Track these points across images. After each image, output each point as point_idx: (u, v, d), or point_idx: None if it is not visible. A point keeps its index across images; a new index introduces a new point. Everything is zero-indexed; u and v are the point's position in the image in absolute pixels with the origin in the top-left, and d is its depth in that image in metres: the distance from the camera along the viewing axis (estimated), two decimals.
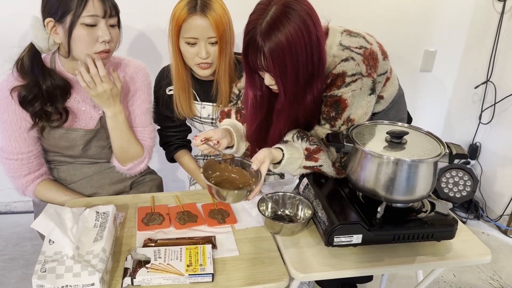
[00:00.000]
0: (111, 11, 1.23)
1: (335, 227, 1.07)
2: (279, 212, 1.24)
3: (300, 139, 1.27)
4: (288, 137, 1.30)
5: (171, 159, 1.72)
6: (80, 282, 0.88)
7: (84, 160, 1.45)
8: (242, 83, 1.49)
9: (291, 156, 1.23)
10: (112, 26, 1.25)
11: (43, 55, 1.30)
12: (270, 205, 1.24)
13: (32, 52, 1.26)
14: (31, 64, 1.25)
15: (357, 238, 1.09)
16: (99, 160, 1.48)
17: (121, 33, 1.33)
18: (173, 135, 1.68)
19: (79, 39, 1.20)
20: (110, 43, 1.25)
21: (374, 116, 1.41)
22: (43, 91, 1.26)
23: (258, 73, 1.25)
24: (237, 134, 1.36)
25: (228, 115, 1.48)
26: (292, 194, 1.26)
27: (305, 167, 1.26)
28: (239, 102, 1.49)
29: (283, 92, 1.20)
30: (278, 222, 1.15)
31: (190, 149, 1.72)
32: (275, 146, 1.26)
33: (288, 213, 1.25)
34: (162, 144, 1.71)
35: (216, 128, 1.37)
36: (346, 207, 1.15)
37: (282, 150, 1.23)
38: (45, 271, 0.89)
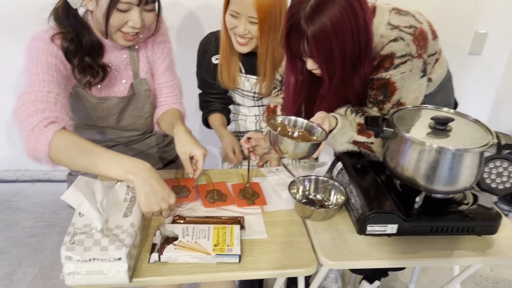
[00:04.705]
0: None
1: (369, 216, 1.02)
2: (311, 196, 1.20)
3: (354, 113, 1.23)
4: (341, 110, 1.26)
5: (205, 121, 1.70)
6: (107, 256, 0.88)
7: (119, 137, 1.44)
8: (283, 68, 1.45)
9: (344, 127, 1.19)
10: (147, 10, 1.21)
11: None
12: (301, 188, 1.21)
13: (67, 4, 1.21)
14: (66, 16, 1.21)
15: (392, 228, 1.04)
16: (134, 131, 1.47)
17: (161, 15, 1.29)
18: (213, 101, 1.66)
19: (110, 19, 1.17)
20: (140, 28, 1.21)
21: None
22: (83, 44, 1.22)
23: (300, 57, 1.21)
24: None
25: (274, 112, 1.46)
26: (325, 178, 1.21)
27: (355, 142, 1.22)
28: (283, 87, 1.46)
29: (328, 78, 1.16)
30: (309, 206, 1.12)
31: (226, 116, 1.69)
32: (331, 114, 1.22)
33: (320, 198, 1.21)
34: (201, 108, 1.71)
35: (262, 134, 1.41)
36: (382, 195, 1.09)
37: (336, 119, 1.20)
38: (73, 243, 0.89)
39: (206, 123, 1.70)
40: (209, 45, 1.57)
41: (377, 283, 1.79)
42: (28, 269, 1.99)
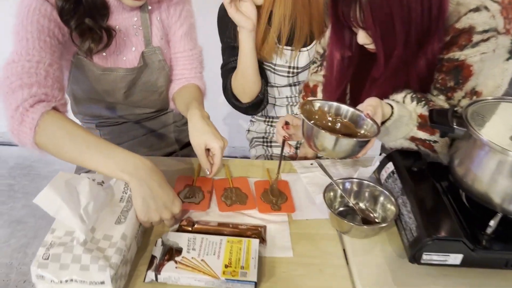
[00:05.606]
0: None
1: (427, 242, 0.78)
2: (351, 204, 0.97)
3: (415, 102, 0.96)
4: (397, 97, 0.99)
5: (230, 92, 1.31)
6: (87, 278, 0.70)
7: (129, 114, 1.25)
8: (326, 38, 1.19)
9: (400, 118, 0.94)
10: None
11: None
12: (339, 193, 0.97)
13: None
14: None
15: (455, 259, 0.80)
16: (147, 108, 1.27)
17: None
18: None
19: None
20: None
21: None
22: (83, 3, 1.00)
23: (349, 27, 0.95)
24: None
25: (313, 93, 1.22)
26: (371, 183, 0.97)
27: (412, 138, 0.97)
28: (324, 63, 1.19)
29: (385, 57, 0.91)
30: (347, 221, 0.88)
31: None
32: (385, 101, 0.96)
33: (363, 207, 0.97)
34: (224, 84, 1.34)
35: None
36: (444, 212, 0.85)
37: (391, 107, 0.94)
38: (47, 258, 0.71)
39: (233, 100, 1.32)
40: None
41: None
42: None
